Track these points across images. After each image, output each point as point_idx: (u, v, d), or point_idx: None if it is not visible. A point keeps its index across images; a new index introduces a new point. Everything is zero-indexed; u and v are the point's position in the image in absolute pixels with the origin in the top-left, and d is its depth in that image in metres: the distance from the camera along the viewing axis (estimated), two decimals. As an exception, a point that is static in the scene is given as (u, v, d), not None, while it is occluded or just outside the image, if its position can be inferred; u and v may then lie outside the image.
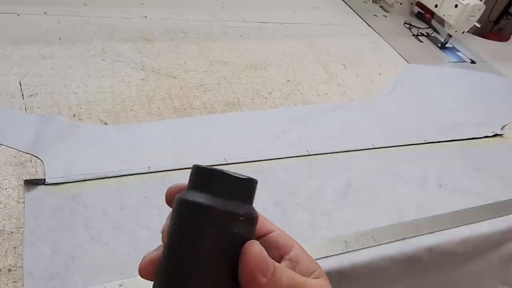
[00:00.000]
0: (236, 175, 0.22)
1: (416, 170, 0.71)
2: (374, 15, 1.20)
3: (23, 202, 0.50)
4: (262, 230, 0.26)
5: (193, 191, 0.22)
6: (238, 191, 0.22)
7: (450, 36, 1.08)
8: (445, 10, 1.05)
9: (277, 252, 0.25)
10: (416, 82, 0.94)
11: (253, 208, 0.23)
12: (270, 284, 0.21)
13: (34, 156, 0.56)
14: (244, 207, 0.22)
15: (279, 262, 0.25)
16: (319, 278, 0.25)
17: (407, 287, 0.63)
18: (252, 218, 0.22)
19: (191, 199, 0.21)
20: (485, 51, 1.16)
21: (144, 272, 0.23)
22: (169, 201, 0.24)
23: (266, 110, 0.75)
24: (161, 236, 0.24)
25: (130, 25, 0.88)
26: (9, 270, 0.44)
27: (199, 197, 0.21)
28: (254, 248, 0.22)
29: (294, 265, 0.25)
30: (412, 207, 0.64)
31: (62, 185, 0.54)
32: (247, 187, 0.23)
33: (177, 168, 0.59)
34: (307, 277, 0.24)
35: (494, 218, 0.65)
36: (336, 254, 0.54)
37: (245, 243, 0.22)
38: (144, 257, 0.23)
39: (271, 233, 0.26)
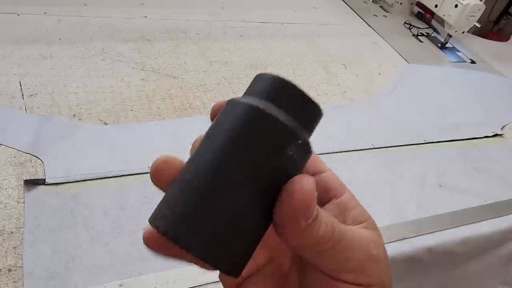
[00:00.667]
0: (308, 95, 0.19)
1: (416, 170, 0.71)
2: (374, 15, 1.20)
3: (23, 202, 0.50)
4: (314, 167, 0.23)
5: (252, 97, 0.19)
6: (305, 113, 0.19)
7: (450, 36, 1.08)
8: (445, 10, 1.05)
9: (326, 194, 0.22)
10: (416, 82, 0.94)
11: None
12: (306, 231, 0.18)
13: (34, 156, 0.56)
14: (306, 132, 0.19)
15: (324, 206, 0.22)
16: (371, 229, 0.21)
17: (407, 287, 0.63)
18: (309, 147, 0.19)
19: (252, 103, 0.18)
20: (485, 51, 1.16)
21: (157, 176, 0.19)
22: (214, 115, 0.21)
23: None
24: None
25: (130, 25, 0.88)
26: (9, 270, 0.44)
27: (262, 104, 0.18)
28: (307, 184, 0.18)
29: (340, 212, 0.22)
30: (412, 207, 0.64)
31: (62, 185, 0.54)
32: (314, 113, 0.20)
33: (177, 168, 0.59)
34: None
35: (494, 218, 0.65)
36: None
37: (291, 171, 0.18)
38: (156, 159, 0.19)
39: (322, 173, 0.23)
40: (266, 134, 0.18)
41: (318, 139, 0.82)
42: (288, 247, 0.21)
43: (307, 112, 0.19)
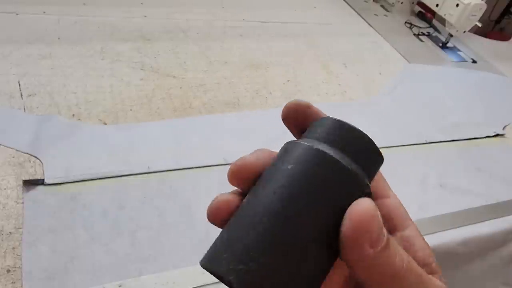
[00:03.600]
0: (374, 143, 0.20)
1: (417, 170, 0.70)
2: (374, 14, 1.19)
3: (22, 203, 0.50)
4: (376, 191, 0.21)
5: (330, 146, 0.19)
6: (371, 162, 0.20)
7: (451, 35, 1.08)
8: (446, 10, 1.04)
9: (387, 224, 0.20)
10: (417, 82, 0.94)
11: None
12: (377, 259, 0.16)
13: (33, 156, 0.55)
14: (369, 180, 0.20)
15: None
16: (435, 274, 0.19)
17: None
18: (371, 194, 0.20)
19: (335, 157, 0.18)
20: (487, 50, 1.16)
21: (215, 216, 0.19)
22: (287, 116, 0.20)
23: (266, 110, 0.75)
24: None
25: (130, 24, 0.87)
26: (8, 271, 0.44)
27: (341, 158, 0.18)
28: (365, 205, 0.16)
29: (405, 249, 0.19)
30: (413, 208, 0.63)
31: (61, 185, 0.53)
32: (377, 161, 0.20)
33: (177, 168, 0.59)
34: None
35: (496, 218, 0.65)
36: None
37: None
38: (215, 199, 0.19)
39: (386, 198, 0.21)
40: (335, 181, 0.18)
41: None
42: (362, 279, 0.18)
43: (371, 160, 0.20)
